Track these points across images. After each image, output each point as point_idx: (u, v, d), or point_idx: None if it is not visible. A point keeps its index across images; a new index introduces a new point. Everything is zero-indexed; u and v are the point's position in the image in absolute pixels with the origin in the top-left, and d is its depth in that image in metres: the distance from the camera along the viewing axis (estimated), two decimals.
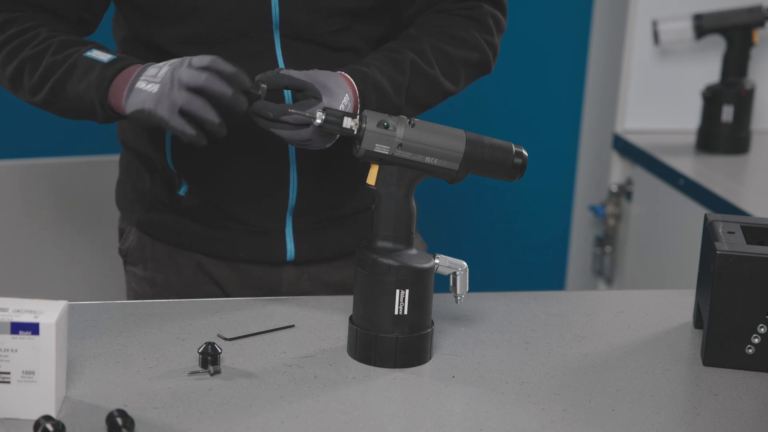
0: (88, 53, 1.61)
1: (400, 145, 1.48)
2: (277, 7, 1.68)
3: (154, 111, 1.53)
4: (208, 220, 1.81)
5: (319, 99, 1.56)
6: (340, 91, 1.59)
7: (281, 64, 1.71)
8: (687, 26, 2.96)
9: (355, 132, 1.48)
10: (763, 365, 1.55)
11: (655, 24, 2.99)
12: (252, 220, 1.79)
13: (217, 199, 1.79)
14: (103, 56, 1.61)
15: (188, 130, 1.53)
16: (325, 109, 1.49)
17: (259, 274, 1.83)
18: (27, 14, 1.68)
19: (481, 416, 1.40)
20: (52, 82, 1.62)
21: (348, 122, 1.48)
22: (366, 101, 1.65)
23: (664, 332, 1.68)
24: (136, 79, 1.56)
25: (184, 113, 1.52)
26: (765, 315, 1.54)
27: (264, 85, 1.55)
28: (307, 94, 1.56)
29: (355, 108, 1.63)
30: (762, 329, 1.54)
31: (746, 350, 1.55)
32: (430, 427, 1.37)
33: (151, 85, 1.54)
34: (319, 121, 1.48)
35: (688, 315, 1.73)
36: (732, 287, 1.54)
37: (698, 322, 1.68)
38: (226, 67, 1.52)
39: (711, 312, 1.55)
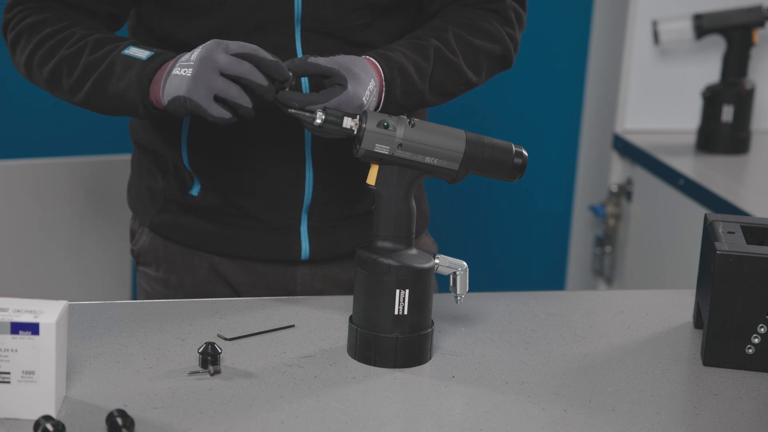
0: (126, 51, 1.61)
1: (400, 145, 1.48)
2: (300, 2, 1.69)
3: (189, 97, 1.53)
4: (222, 219, 1.80)
5: (344, 85, 1.55)
6: (366, 77, 1.59)
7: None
8: (687, 26, 2.96)
9: (354, 132, 1.49)
10: (763, 365, 1.55)
11: (655, 24, 2.99)
12: (267, 218, 1.79)
13: (232, 197, 1.79)
14: (141, 53, 1.60)
15: (226, 116, 1.53)
16: (325, 109, 1.49)
17: (273, 273, 1.83)
18: (58, 13, 1.68)
19: (481, 416, 1.40)
20: (92, 82, 1.62)
21: (348, 122, 1.48)
22: (391, 85, 1.65)
23: (664, 332, 1.68)
24: (173, 68, 1.56)
25: (218, 98, 1.53)
26: (765, 315, 1.54)
27: (290, 74, 1.55)
28: (333, 81, 1.56)
29: (381, 92, 1.63)
30: (762, 329, 1.54)
31: (746, 350, 1.55)
32: (430, 427, 1.37)
33: (184, 69, 1.54)
34: (319, 121, 1.49)
35: (688, 315, 1.73)
36: (732, 287, 1.54)
37: (698, 322, 1.68)
38: (268, 56, 1.53)
39: (711, 312, 1.55)
